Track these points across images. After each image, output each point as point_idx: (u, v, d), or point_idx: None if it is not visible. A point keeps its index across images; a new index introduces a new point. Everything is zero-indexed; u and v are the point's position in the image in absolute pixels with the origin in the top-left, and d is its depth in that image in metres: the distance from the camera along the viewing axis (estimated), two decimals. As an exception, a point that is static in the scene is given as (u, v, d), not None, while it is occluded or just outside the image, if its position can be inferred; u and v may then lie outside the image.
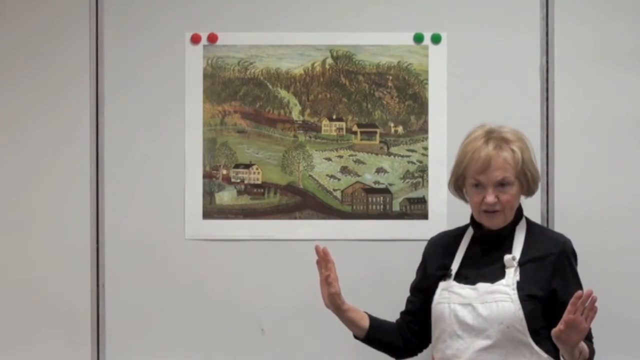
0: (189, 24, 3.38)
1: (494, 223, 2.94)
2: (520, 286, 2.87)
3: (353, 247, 3.36)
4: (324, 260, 2.91)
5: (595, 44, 3.35)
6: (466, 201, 3.00)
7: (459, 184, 2.99)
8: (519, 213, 2.98)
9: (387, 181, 3.39)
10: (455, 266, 2.97)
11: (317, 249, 2.92)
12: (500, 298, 2.86)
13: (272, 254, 3.38)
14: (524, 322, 2.85)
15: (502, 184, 2.90)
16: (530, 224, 3.00)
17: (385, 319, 3.08)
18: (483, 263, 2.95)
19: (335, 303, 2.94)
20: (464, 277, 2.95)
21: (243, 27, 3.38)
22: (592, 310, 2.68)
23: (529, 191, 2.98)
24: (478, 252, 2.98)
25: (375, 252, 3.38)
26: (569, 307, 2.68)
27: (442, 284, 2.97)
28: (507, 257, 2.91)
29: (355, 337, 3.06)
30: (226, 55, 3.38)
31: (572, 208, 3.30)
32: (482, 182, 2.90)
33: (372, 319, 3.05)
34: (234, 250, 3.38)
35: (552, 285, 2.89)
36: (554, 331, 2.72)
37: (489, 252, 2.96)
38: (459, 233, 3.05)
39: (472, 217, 3.00)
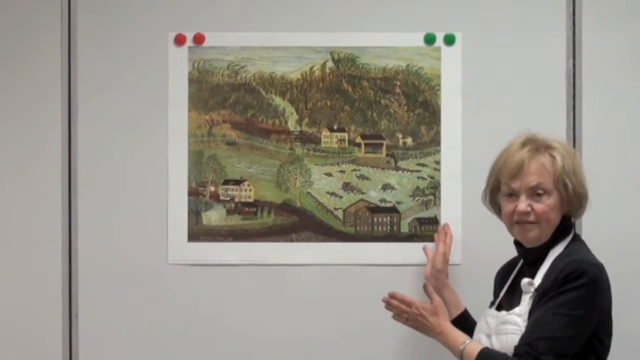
0: (173, 23, 3.32)
1: (527, 236, 2.80)
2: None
3: (356, 272, 3.31)
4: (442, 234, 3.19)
5: (627, 46, 3.28)
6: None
7: (494, 197, 2.89)
8: (562, 233, 2.81)
9: (395, 199, 3.31)
10: (502, 294, 2.90)
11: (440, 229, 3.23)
12: (510, 330, 2.74)
13: (266, 280, 3.31)
14: None
15: (537, 193, 2.78)
16: (569, 245, 2.81)
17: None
18: (515, 287, 2.84)
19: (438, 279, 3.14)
20: (500, 304, 2.88)
21: (233, 27, 3.31)
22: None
23: (570, 207, 2.80)
24: (520, 276, 2.87)
25: (381, 278, 3.27)
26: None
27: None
28: (523, 281, 2.76)
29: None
30: (214, 58, 3.32)
31: (600, 226, 3.20)
32: (515, 190, 2.79)
33: (462, 315, 3.09)
34: (223, 276, 3.31)
35: None
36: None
37: (525, 274, 2.83)
38: (514, 262, 2.96)
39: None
